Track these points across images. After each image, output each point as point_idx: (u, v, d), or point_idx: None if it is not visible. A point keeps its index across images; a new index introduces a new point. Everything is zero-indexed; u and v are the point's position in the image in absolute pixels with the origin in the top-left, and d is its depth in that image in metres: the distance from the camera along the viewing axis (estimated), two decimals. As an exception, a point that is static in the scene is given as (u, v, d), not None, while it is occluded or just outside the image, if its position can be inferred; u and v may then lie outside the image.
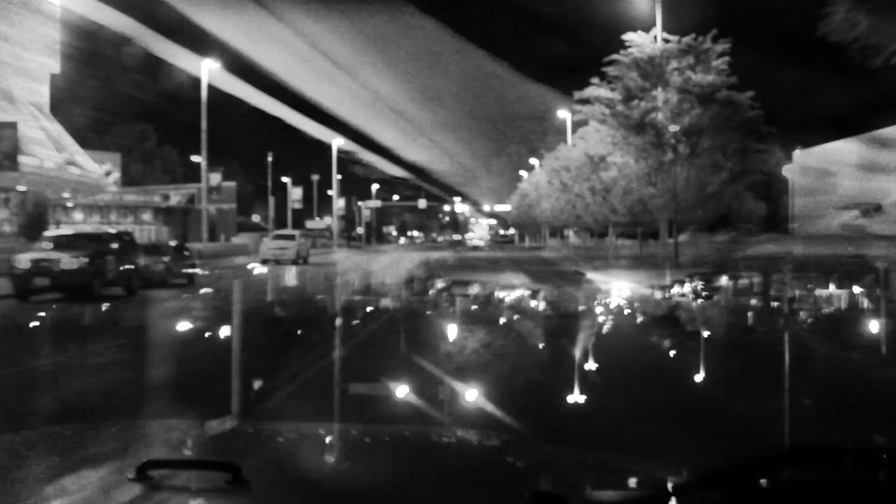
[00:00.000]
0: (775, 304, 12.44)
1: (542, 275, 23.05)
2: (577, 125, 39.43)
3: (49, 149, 43.82)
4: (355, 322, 11.31)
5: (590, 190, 32.92)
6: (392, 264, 43.10)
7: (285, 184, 77.46)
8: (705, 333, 7.70)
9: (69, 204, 57.97)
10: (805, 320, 9.99)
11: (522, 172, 73.52)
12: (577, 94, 27.79)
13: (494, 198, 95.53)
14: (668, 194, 25.63)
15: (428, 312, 11.36)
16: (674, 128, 26.31)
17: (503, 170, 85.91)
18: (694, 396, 4.88)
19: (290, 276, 32.27)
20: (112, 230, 27.56)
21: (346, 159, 77.30)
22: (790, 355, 6.13)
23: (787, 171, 57.95)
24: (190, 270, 28.86)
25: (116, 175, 59.48)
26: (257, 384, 5.23)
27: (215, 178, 41.11)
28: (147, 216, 70.33)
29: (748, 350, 6.83)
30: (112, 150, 72.45)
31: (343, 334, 8.93)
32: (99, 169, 51.32)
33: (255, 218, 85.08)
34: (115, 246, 23.47)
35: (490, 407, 4.25)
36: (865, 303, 12.69)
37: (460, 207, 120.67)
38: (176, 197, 72.88)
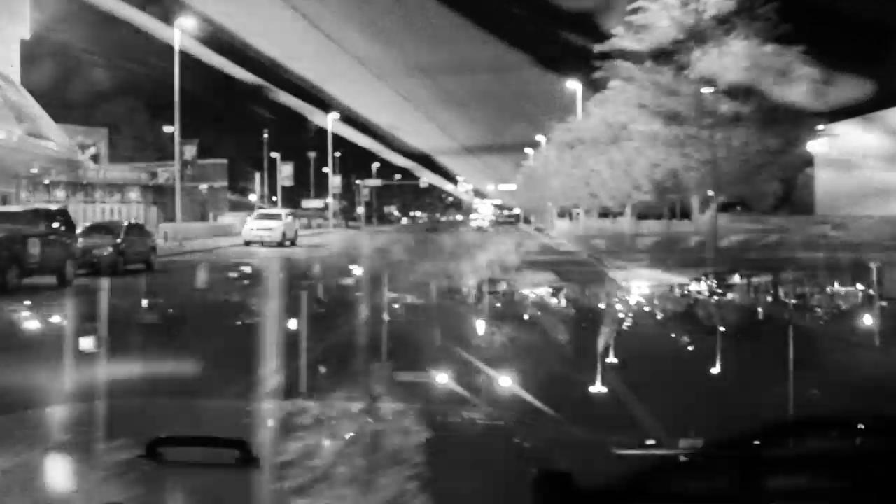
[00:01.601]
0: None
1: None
2: (588, 93, 35.42)
3: (12, 121, 39.89)
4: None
5: (607, 164, 28.82)
6: (385, 248, 39.41)
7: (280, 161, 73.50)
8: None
9: (46, 181, 54.39)
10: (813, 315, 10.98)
11: (528, 150, 69.82)
12: (598, 48, 23.59)
13: (499, 177, 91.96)
14: (708, 166, 21.55)
15: None
16: (707, 90, 22.24)
17: (508, 148, 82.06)
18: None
19: (258, 264, 28.67)
20: (51, 207, 23.81)
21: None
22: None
23: (810, 147, 54.51)
24: (150, 254, 25.23)
25: (93, 150, 55.56)
26: None
27: (190, 150, 37.16)
28: (134, 194, 66.91)
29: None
30: (100, 126, 69.02)
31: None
32: (69, 142, 47.31)
33: (253, 197, 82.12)
34: (42, 226, 19.59)
35: None
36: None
37: (463, 187, 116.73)
38: (165, 174, 69.15)
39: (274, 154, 67.72)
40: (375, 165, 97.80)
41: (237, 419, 2.50)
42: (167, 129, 41.81)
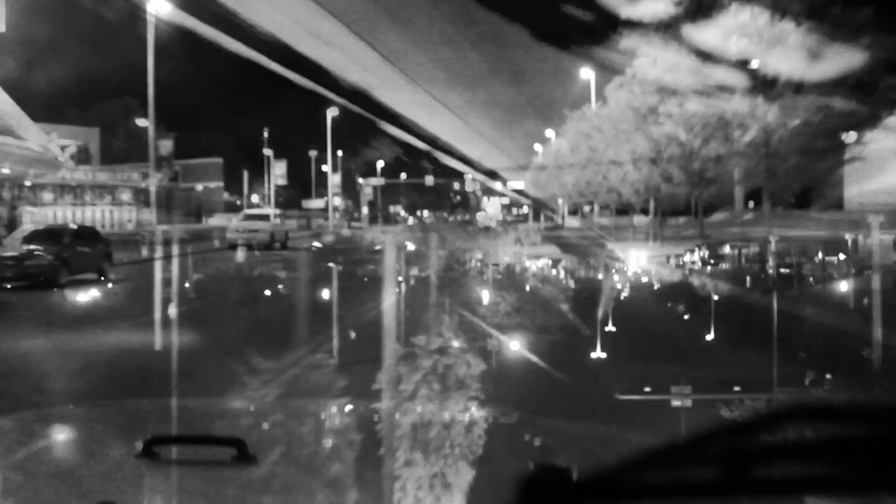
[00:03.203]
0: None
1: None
2: (604, 81, 31.91)
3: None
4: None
5: (631, 153, 25.17)
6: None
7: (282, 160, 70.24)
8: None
9: (27, 182, 51.23)
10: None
11: (537, 146, 66.52)
12: (626, 13, 19.90)
13: (508, 174, 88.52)
14: (758, 154, 17.89)
15: None
16: (755, 63, 18.64)
17: (517, 144, 78.70)
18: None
19: (228, 273, 25.58)
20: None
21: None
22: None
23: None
24: (102, 262, 21.88)
25: (73, 149, 52.40)
26: None
27: (166, 146, 33.72)
28: (126, 196, 63.75)
29: None
30: (94, 126, 66.30)
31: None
32: (44, 139, 43.91)
33: (255, 198, 79.80)
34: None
35: None
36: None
37: (471, 185, 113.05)
38: (158, 175, 66.09)
39: (267, 151, 64.30)
40: (380, 164, 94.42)
41: (234, 418, 2.53)
42: (140, 122, 38.40)
